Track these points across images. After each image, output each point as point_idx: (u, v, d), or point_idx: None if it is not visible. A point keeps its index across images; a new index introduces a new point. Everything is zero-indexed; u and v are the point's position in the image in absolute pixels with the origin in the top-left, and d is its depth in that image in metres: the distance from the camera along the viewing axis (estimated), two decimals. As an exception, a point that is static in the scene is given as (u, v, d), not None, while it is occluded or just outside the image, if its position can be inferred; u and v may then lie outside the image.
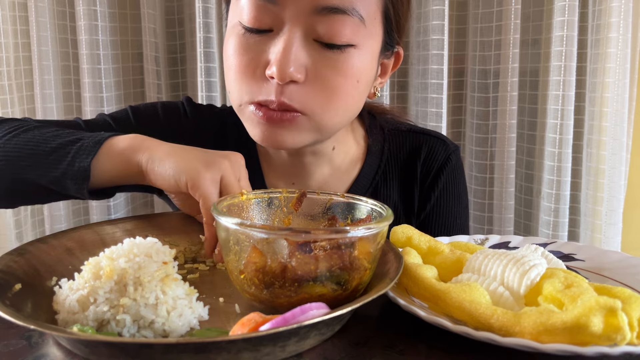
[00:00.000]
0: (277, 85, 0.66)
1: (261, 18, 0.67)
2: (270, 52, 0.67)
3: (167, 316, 0.47)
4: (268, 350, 0.42)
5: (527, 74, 1.43)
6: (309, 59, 0.67)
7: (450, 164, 0.88)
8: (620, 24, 1.26)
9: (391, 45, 0.76)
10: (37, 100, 1.40)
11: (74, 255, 0.59)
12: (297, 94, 0.67)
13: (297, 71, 0.66)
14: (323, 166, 0.84)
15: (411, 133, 0.90)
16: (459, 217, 0.89)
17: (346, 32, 0.67)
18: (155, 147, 0.65)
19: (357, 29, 0.68)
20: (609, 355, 0.41)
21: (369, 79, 0.73)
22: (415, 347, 0.46)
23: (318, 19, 0.66)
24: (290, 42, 0.66)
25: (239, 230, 0.49)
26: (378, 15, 0.71)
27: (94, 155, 0.64)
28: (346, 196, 0.60)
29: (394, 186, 0.88)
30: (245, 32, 0.69)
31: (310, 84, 0.68)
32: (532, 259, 0.50)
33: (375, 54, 0.73)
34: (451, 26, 1.41)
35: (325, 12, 0.65)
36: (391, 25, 0.74)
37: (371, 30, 0.70)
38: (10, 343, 0.46)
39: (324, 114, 0.70)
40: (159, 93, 1.44)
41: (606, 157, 1.32)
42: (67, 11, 1.43)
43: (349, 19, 0.66)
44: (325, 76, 0.68)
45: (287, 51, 0.65)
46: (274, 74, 0.66)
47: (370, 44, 0.70)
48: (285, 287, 0.48)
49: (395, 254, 0.55)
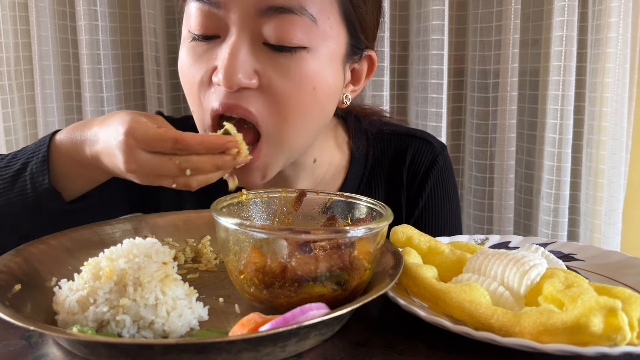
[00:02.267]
0: (226, 92, 0.63)
1: (207, 24, 0.64)
2: (218, 59, 0.63)
3: (166, 317, 0.47)
4: (268, 350, 0.42)
5: (527, 74, 1.43)
6: (259, 64, 0.63)
7: (437, 167, 0.84)
8: (620, 24, 1.26)
9: (358, 48, 0.71)
10: (37, 100, 1.40)
11: (73, 256, 0.59)
12: (248, 99, 0.63)
13: (245, 77, 0.62)
14: (305, 179, 0.80)
15: (395, 136, 0.86)
16: (449, 220, 0.86)
17: (296, 33, 0.62)
18: (88, 139, 0.62)
19: (309, 29, 0.63)
20: (609, 355, 0.41)
21: (331, 85, 0.68)
22: (415, 347, 0.46)
23: (264, 21, 0.62)
24: (237, 47, 0.62)
25: (239, 231, 0.49)
26: (335, 16, 0.66)
27: (48, 174, 0.63)
28: (346, 196, 0.60)
29: (379, 194, 0.84)
30: (193, 40, 0.66)
31: (263, 92, 0.64)
32: (532, 259, 0.50)
33: (336, 58, 0.68)
34: (451, 26, 1.41)
35: (271, 13, 0.62)
36: (354, 26, 0.69)
37: (326, 31, 0.65)
38: (10, 343, 0.46)
39: (281, 129, 0.65)
40: (159, 93, 1.44)
41: (606, 157, 1.32)
42: (67, 11, 1.43)
43: (297, 18, 0.62)
44: (277, 83, 0.63)
45: (233, 56, 0.61)
46: (220, 81, 0.62)
47: (326, 46, 0.65)
48: (285, 287, 0.48)
49: (395, 254, 0.55)
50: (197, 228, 0.68)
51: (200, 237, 0.67)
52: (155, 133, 0.56)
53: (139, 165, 0.57)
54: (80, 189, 0.68)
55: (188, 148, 0.56)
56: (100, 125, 0.62)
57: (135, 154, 0.57)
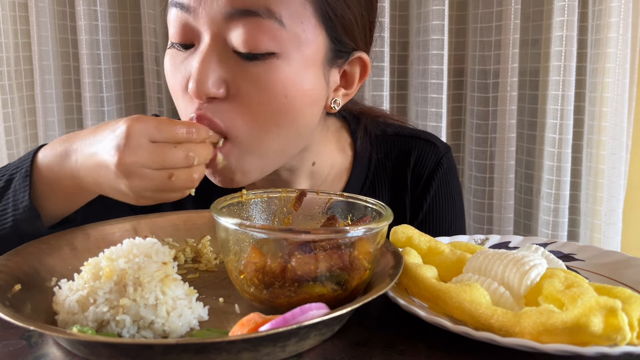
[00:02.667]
0: (198, 103, 0.62)
1: (182, 32, 0.63)
2: (192, 68, 0.62)
3: (166, 317, 0.47)
4: (268, 350, 0.42)
5: (527, 74, 1.43)
6: (228, 73, 0.62)
7: (441, 169, 0.83)
8: (620, 24, 1.26)
9: (344, 52, 0.68)
10: (37, 100, 1.40)
11: (73, 256, 0.59)
12: (220, 111, 0.62)
13: (214, 86, 0.61)
14: (304, 182, 0.79)
15: (399, 137, 0.85)
16: (454, 223, 0.86)
17: (263, 38, 0.60)
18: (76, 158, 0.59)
19: (277, 34, 0.61)
20: (609, 355, 0.41)
21: (307, 92, 0.65)
22: (415, 347, 0.46)
23: (231, 27, 0.60)
24: (207, 56, 0.61)
25: (239, 231, 0.49)
26: (309, 20, 0.63)
27: (29, 189, 0.60)
28: (346, 196, 0.60)
29: (383, 196, 0.84)
30: (173, 48, 0.66)
31: (233, 101, 0.62)
32: (532, 259, 0.50)
33: (313, 63, 0.65)
34: (451, 26, 1.41)
35: (237, 17, 0.60)
36: (335, 29, 0.66)
37: (299, 35, 0.62)
38: (10, 343, 0.46)
39: (255, 136, 0.64)
40: (159, 93, 1.44)
41: (606, 157, 1.32)
42: (67, 11, 1.43)
43: (264, 22, 0.60)
44: (247, 92, 0.62)
45: (203, 65, 0.60)
46: (191, 91, 0.61)
47: (300, 52, 0.63)
48: (285, 287, 0.48)
49: (395, 254, 0.55)
50: (197, 228, 0.68)
51: (200, 237, 0.67)
52: (165, 118, 0.57)
53: (140, 157, 0.54)
54: (61, 210, 0.64)
55: (199, 131, 0.58)
56: (93, 132, 0.59)
57: (140, 141, 0.55)
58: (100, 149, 0.57)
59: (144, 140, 0.55)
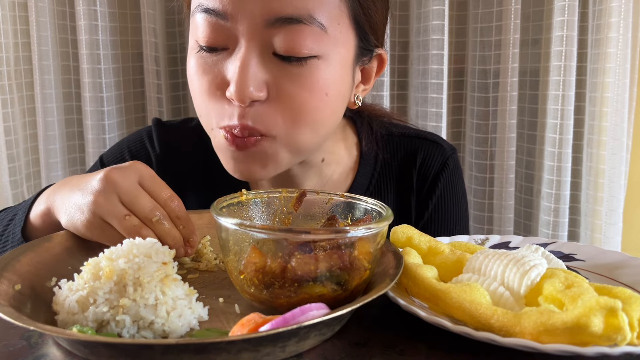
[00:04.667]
0: (239, 107, 0.62)
1: (215, 36, 0.63)
2: (228, 72, 0.63)
3: (166, 317, 0.47)
4: (268, 350, 0.42)
5: (527, 74, 1.43)
6: (269, 76, 0.62)
7: (447, 170, 0.84)
8: (620, 24, 1.26)
9: (368, 49, 0.71)
10: (37, 100, 1.40)
11: (73, 256, 0.59)
12: (260, 114, 0.63)
13: (257, 89, 0.62)
14: (312, 178, 0.80)
15: (405, 138, 0.86)
16: (458, 223, 0.86)
17: (306, 43, 0.61)
18: (57, 206, 0.63)
19: (319, 38, 0.62)
20: (609, 356, 0.41)
21: (342, 90, 0.68)
22: (415, 347, 0.46)
23: (273, 32, 0.61)
24: (247, 60, 0.61)
25: (239, 231, 0.49)
26: (344, 21, 0.65)
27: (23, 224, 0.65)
28: (346, 196, 0.60)
29: (388, 196, 0.84)
30: (202, 51, 0.65)
31: (274, 102, 0.63)
32: (532, 259, 0.50)
33: (347, 63, 0.67)
34: (451, 26, 1.41)
35: (280, 24, 0.60)
36: (364, 29, 0.68)
37: (337, 37, 0.64)
38: (10, 343, 0.46)
39: (293, 133, 0.65)
40: (159, 93, 1.44)
41: (606, 157, 1.32)
42: (67, 11, 1.43)
43: (307, 28, 0.61)
44: (289, 92, 0.63)
45: (244, 69, 0.61)
46: (233, 96, 0.62)
47: (337, 52, 0.65)
48: (285, 288, 0.48)
49: (395, 254, 0.55)
50: (197, 228, 0.68)
51: (200, 237, 0.67)
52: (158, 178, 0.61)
53: (114, 182, 0.58)
54: None
55: (175, 209, 0.60)
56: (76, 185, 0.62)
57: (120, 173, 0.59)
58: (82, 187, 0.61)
59: (134, 177, 0.59)
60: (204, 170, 0.84)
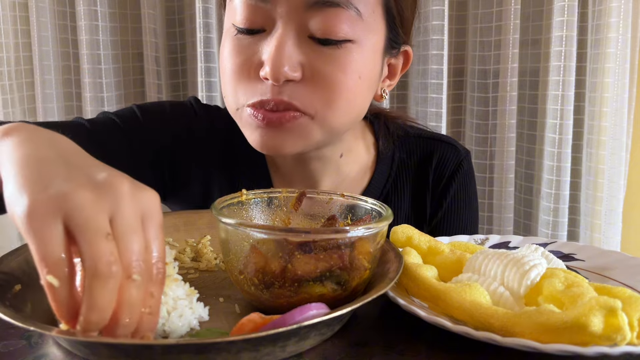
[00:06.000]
0: (273, 85, 0.64)
1: (253, 18, 0.65)
2: (263, 52, 0.64)
3: (167, 317, 0.47)
4: (268, 350, 0.42)
5: (527, 74, 1.43)
6: (304, 57, 0.64)
7: (462, 171, 0.86)
8: (620, 24, 1.26)
9: (396, 43, 0.73)
10: (37, 100, 1.41)
11: (73, 256, 0.59)
12: (295, 92, 0.64)
13: (291, 69, 0.63)
14: (330, 174, 0.81)
15: (421, 139, 0.88)
16: (469, 224, 0.88)
17: (342, 26, 0.63)
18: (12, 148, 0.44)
19: (354, 23, 0.64)
20: (609, 355, 0.41)
21: (373, 76, 0.70)
22: (415, 347, 0.46)
23: (311, 15, 0.63)
24: (283, 40, 0.63)
25: (239, 231, 0.49)
26: (379, 10, 0.67)
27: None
28: (346, 196, 0.60)
29: (405, 194, 0.86)
30: (238, 33, 0.67)
31: (309, 82, 0.65)
32: (532, 259, 0.50)
33: (378, 51, 0.69)
34: (451, 26, 1.41)
35: (318, 7, 0.63)
36: (394, 20, 0.70)
37: (371, 24, 0.66)
38: (10, 343, 0.46)
39: (328, 111, 0.66)
40: (159, 93, 1.44)
41: (606, 156, 1.32)
42: (67, 11, 1.43)
43: (344, 12, 0.63)
44: (324, 72, 0.65)
45: (280, 49, 0.63)
46: (267, 75, 0.63)
47: (370, 38, 0.67)
48: (285, 287, 0.48)
49: (395, 254, 0.55)
50: (197, 228, 0.68)
51: (200, 237, 0.67)
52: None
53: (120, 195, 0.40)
54: None
55: (157, 282, 0.41)
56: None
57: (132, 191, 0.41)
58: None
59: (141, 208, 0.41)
60: (232, 149, 0.84)
